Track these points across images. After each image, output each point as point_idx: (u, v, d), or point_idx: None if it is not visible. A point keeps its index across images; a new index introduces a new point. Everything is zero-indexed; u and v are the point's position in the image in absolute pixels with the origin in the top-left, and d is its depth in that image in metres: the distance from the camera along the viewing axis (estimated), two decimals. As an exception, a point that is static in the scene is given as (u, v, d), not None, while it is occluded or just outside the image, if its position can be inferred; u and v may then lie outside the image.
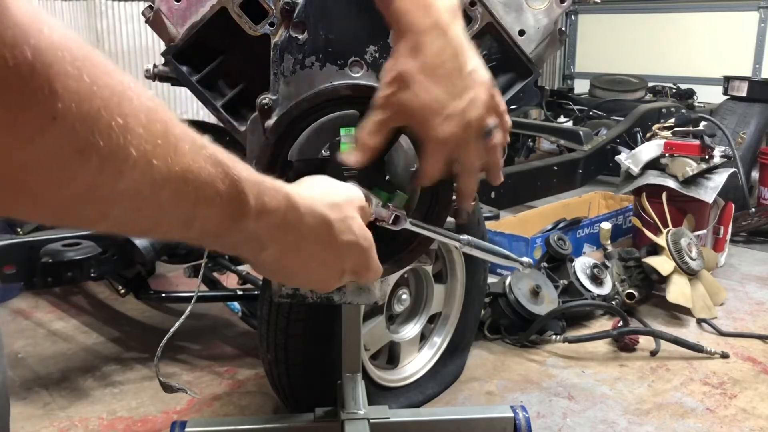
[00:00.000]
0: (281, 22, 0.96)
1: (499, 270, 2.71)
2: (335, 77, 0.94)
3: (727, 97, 3.90)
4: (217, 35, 1.10)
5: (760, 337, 2.40)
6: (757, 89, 3.80)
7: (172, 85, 1.22)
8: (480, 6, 1.12)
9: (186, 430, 1.55)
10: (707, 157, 2.93)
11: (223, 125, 1.12)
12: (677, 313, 2.58)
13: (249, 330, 2.25)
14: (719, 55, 5.76)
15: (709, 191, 2.88)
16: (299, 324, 1.62)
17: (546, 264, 2.58)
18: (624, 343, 2.30)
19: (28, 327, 2.46)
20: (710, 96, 4.94)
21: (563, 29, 1.24)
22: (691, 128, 3.09)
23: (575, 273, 2.52)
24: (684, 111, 4.28)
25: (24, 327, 2.45)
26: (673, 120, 3.40)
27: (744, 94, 3.79)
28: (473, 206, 1.00)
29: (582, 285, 2.50)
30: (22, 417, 1.86)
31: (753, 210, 3.38)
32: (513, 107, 4.55)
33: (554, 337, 2.30)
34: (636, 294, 2.55)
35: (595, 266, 2.55)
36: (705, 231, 3.02)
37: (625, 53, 6.31)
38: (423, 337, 1.97)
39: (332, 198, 0.71)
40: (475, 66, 0.82)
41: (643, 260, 2.61)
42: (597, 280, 2.53)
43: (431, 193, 0.95)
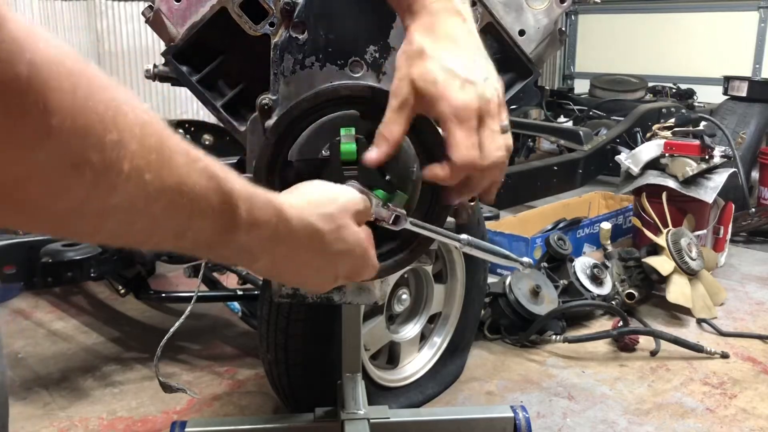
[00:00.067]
0: (281, 22, 0.96)
1: (499, 270, 2.71)
2: (335, 77, 0.94)
3: (727, 97, 3.89)
4: (217, 35, 1.10)
5: (760, 337, 2.40)
6: (757, 89, 3.80)
7: (172, 85, 1.22)
8: (480, 6, 1.12)
9: (186, 430, 1.55)
10: (707, 157, 2.93)
11: (223, 125, 1.13)
12: (677, 313, 2.58)
13: (249, 330, 2.25)
14: (719, 55, 5.76)
15: (709, 191, 2.88)
16: (299, 324, 1.62)
17: (546, 264, 2.58)
18: (624, 343, 2.30)
19: (28, 327, 2.46)
20: (710, 96, 4.93)
21: (563, 29, 1.24)
22: (691, 128, 3.09)
23: (575, 273, 2.52)
24: (684, 111, 4.28)
25: (24, 327, 2.45)
26: (673, 120, 3.40)
27: (744, 94, 3.79)
28: (473, 206, 0.99)
29: (582, 285, 2.50)
30: (22, 417, 1.86)
31: (753, 210, 3.38)
32: (513, 107, 4.55)
33: (554, 337, 2.29)
34: (636, 294, 2.55)
35: (595, 266, 2.55)
36: (705, 231, 3.02)
37: (625, 53, 6.30)
38: (423, 337, 1.97)
39: (325, 208, 0.71)
40: (488, 57, 0.81)
41: (643, 260, 2.61)
42: (597, 280, 2.53)
43: (431, 193, 0.95)
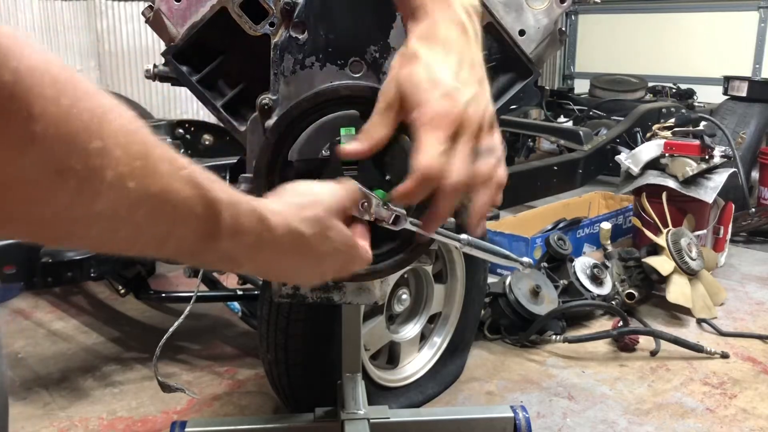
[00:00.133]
0: (281, 22, 0.95)
1: (499, 270, 2.71)
2: (335, 77, 0.94)
3: (727, 97, 3.90)
4: (217, 35, 1.10)
5: (760, 337, 2.40)
6: (757, 89, 3.80)
7: (172, 85, 1.22)
8: (480, 6, 1.12)
9: (186, 430, 1.55)
10: (707, 157, 2.93)
11: (223, 125, 1.13)
12: (677, 313, 2.58)
13: (249, 330, 2.25)
14: (719, 55, 5.76)
15: (709, 191, 2.88)
16: (299, 324, 1.62)
17: (546, 264, 2.58)
18: (624, 343, 2.30)
19: (28, 327, 2.46)
20: (710, 96, 4.93)
21: (563, 29, 1.24)
22: (691, 128, 3.09)
23: (575, 273, 2.52)
24: (684, 111, 4.28)
25: (24, 327, 2.45)
26: (673, 120, 3.40)
27: (744, 94, 3.79)
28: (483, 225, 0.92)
29: (582, 285, 2.50)
30: (22, 417, 1.86)
31: (753, 210, 3.38)
32: (513, 107, 4.55)
33: (554, 337, 2.30)
34: (636, 294, 2.55)
35: (595, 266, 2.55)
36: (705, 231, 3.02)
37: (625, 53, 6.31)
38: (423, 337, 1.97)
39: (309, 212, 0.70)
40: (483, 75, 0.78)
41: (643, 260, 2.61)
42: (597, 280, 2.53)
43: (432, 193, 0.94)
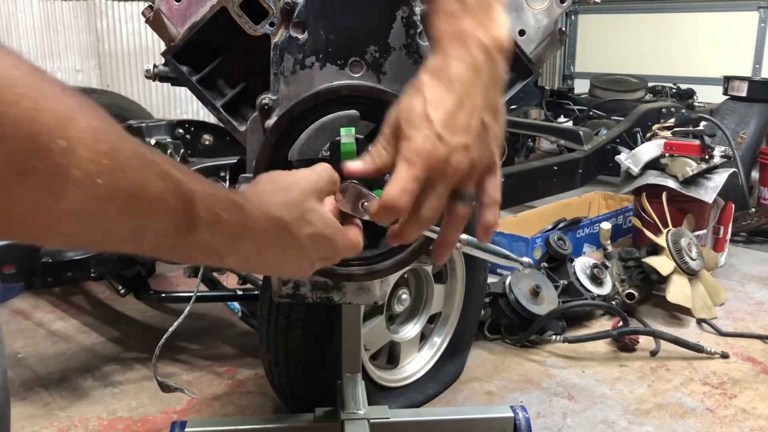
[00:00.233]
0: (281, 22, 0.95)
1: (499, 270, 2.71)
2: (335, 77, 0.94)
3: (727, 97, 3.90)
4: (217, 35, 1.10)
5: (760, 337, 2.40)
6: (757, 89, 3.80)
7: (172, 85, 1.22)
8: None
9: (186, 430, 1.55)
10: (707, 157, 2.93)
11: (223, 125, 1.13)
12: (677, 313, 2.58)
13: (249, 330, 2.25)
14: (719, 55, 5.76)
15: (709, 191, 2.88)
16: (299, 324, 1.62)
17: (546, 264, 2.58)
18: (624, 343, 2.30)
19: (28, 327, 2.46)
20: (710, 96, 4.93)
21: (563, 29, 1.24)
22: (691, 128, 3.09)
23: (575, 273, 2.52)
24: (684, 111, 4.28)
25: (24, 327, 2.45)
26: (673, 120, 3.39)
27: (744, 94, 3.79)
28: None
29: (582, 285, 2.50)
30: (22, 417, 1.86)
31: (753, 210, 3.38)
32: (513, 107, 4.55)
33: (554, 337, 2.29)
34: (636, 294, 2.55)
35: (595, 266, 2.55)
36: (705, 231, 3.02)
37: (625, 53, 6.30)
38: (423, 337, 1.97)
39: (287, 196, 0.70)
40: (491, 123, 0.72)
41: (643, 260, 2.61)
42: (597, 280, 2.53)
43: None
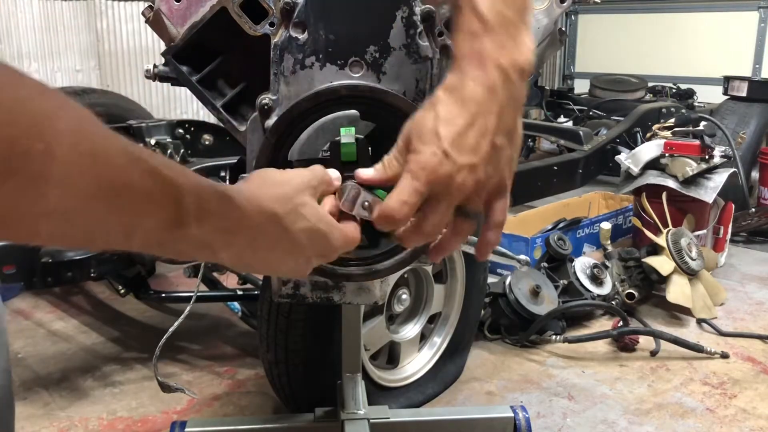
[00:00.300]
0: (281, 22, 0.95)
1: (499, 270, 2.71)
2: (335, 77, 0.94)
3: (727, 97, 3.90)
4: (217, 35, 1.10)
5: (760, 337, 2.40)
6: (757, 89, 3.80)
7: (172, 85, 1.22)
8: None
9: (186, 430, 1.55)
10: (707, 157, 2.93)
11: (223, 125, 1.13)
12: (677, 313, 2.58)
13: (249, 330, 2.25)
14: (719, 55, 5.76)
15: (709, 191, 2.88)
16: (299, 324, 1.62)
17: (546, 264, 2.58)
18: (624, 343, 2.30)
19: (28, 327, 2.46)
20: (710, 96, 4.94)
21: (563, 29, 1.24)
22: (691, 128, 3.09)
23: (575, 273, 2.52)
24: (684, 111, 4.28)
25: (24, 327, 2.45)
26: (673, 120, 3.40)
27: (744, 94, 3.79)
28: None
29: (582, 285, 2.50)
30: (22, 417, 1.86)
31: (753, 210, 3.38)
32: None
33: (554, 337, 2.29)
34: (636, 294, 2.55)
35: (595, 266, 2.55)
36: (705, 231, 3.02)
37: (625, 53, 6.30)
38: (423, 337, 1.97)
39: (279, 190, 0.70)
40: (504, 145, 0.71)
41: (643, 260, 2.61)
42: (597, 280, 2.53)
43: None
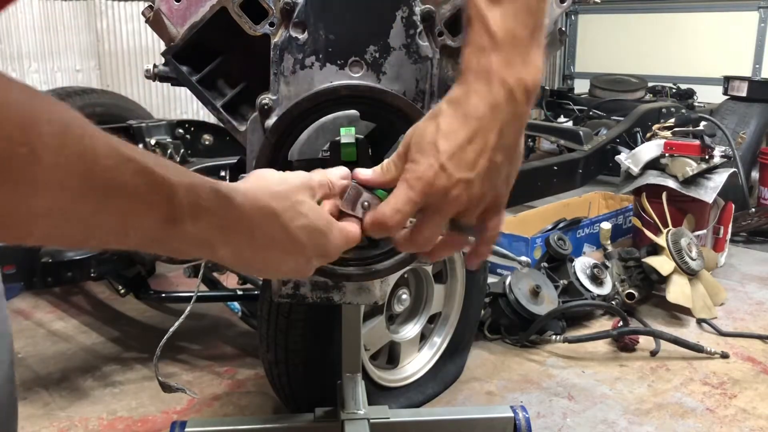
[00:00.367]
0: (281, 22, 0.95)
1: (499, 270, 2.71)
2: (335, 77, 0.94)
3: (727, 97, 3.90)
4: (217, 35, 1.10)
5: (760, 337, 2.40)
6: (757, 89, 3.80)
7: (172, 85, 1.22)
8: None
9: (186, 430, 1.55)
10: (707, 157, 2.93)
11: (223, 125, 1.12)
12: (677, 313, 2.58)
13: (249, 330, 2.25)
14: (719, 55, 5.76)
15: (709, 191, 2.88)
16: (299, 324, 1.62)
17: (546, 264, 2.58)
18: (624, 343, 2.30)
19: (28, 327, 2.46)
20: (710, 96, 4.94)
21: (563, 29, 1.24)
22: (691, 128, 3.09)
23: (575, 273, 2.52)
24: (684, 111, 4.28)
25: (24, 327, 2.45)
26: (673, 120, 3.40)
27: (744, 94, 3.79)
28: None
29: (582, 285, 2.50)
30: (22, 417, 1.86)
31: (753, 210, 3.38)
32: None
33: (554, 337, 2.29)
34: (636, 294, 2.55)
35: (595, 266, 2.55)
36: (705, 231, 3.02)
37: (625, 53, 6.30)
38: (423, 337, 1.97)
39: (277, 188, 0.70)
40: (502, 163, 0.70)
41: (643, 260, 2.61)
42: (597, 280, 2.53)
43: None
